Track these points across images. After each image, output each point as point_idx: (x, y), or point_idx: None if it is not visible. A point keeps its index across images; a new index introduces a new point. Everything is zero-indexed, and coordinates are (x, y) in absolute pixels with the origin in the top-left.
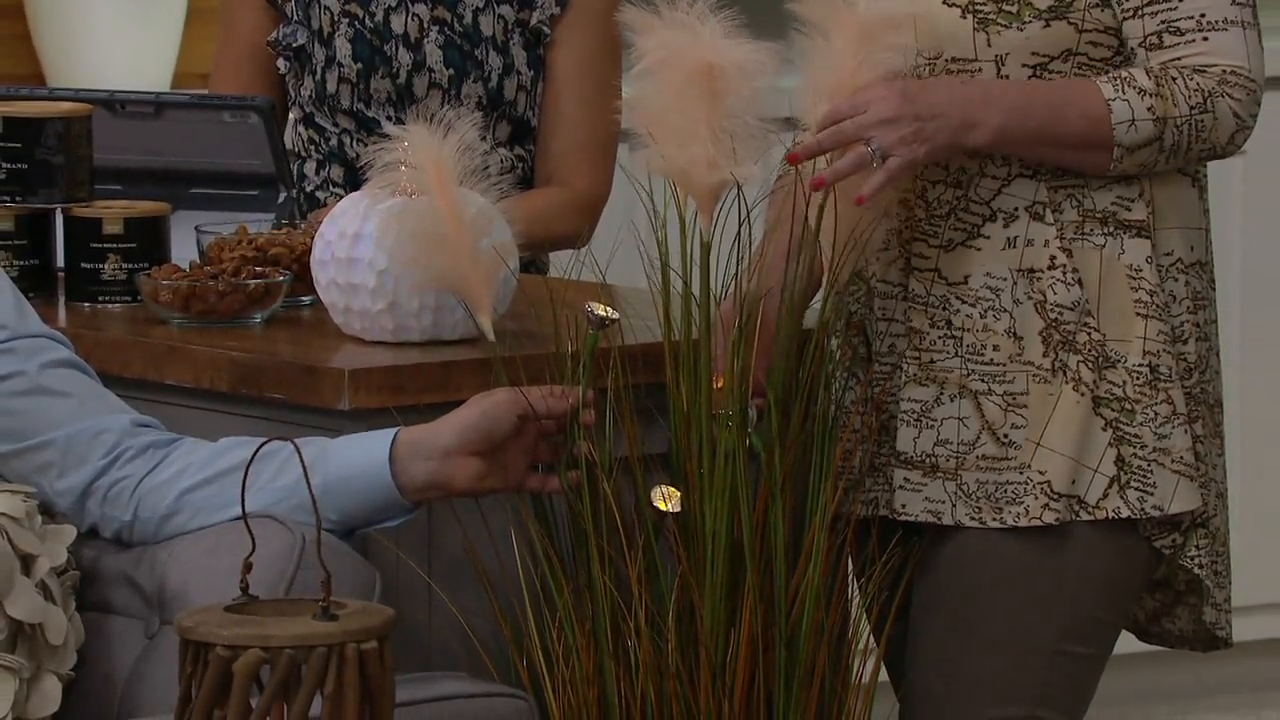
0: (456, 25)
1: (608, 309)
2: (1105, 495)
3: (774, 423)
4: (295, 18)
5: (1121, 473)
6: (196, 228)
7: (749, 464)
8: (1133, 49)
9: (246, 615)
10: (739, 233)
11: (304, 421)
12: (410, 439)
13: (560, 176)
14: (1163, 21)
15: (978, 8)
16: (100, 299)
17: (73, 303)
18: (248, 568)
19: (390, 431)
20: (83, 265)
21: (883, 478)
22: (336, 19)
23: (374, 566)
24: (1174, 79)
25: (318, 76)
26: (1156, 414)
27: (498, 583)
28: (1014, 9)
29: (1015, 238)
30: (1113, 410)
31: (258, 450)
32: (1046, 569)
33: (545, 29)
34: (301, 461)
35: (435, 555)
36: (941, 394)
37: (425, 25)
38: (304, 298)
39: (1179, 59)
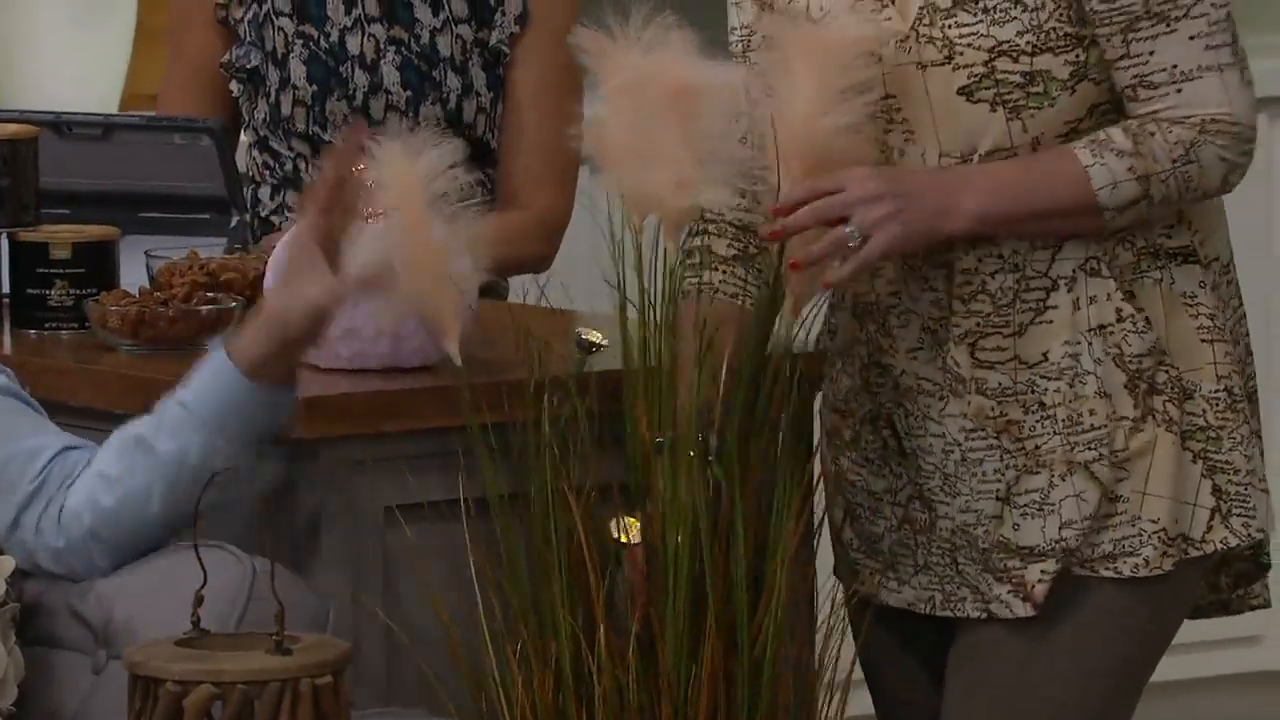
0: (414, 45)
1: (596, 334)
2: (1209, 528)
3: (733, 452)
4: (248, 38)
5: (1221, 502)
6: (146, 252)
7: (712, 494)
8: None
9: (197, 649)
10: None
11: (258, 452)
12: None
13: (521, 198)
14: (1135, 75)
15: (1006, 98)
16: (47, 325)
17: (18, 329)
18: (199, 600)
19: (225, 363)
20: (29, 291)
21: (937, 576)
22: (291, 40)
23: (328, 598)
24: (1152, 134)
25: (272, 99)
26: (1241, 437)
27: (455, 615)
28: (1040, 88)
29: (1079, 298)
30: (1199, 441)
31: (208, 483)
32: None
33: (505, 48)
34: (248, 486)
35: (390, 586)
36: (1053, 476)
37: (382, 46)
38: None
39: (1156, 112)
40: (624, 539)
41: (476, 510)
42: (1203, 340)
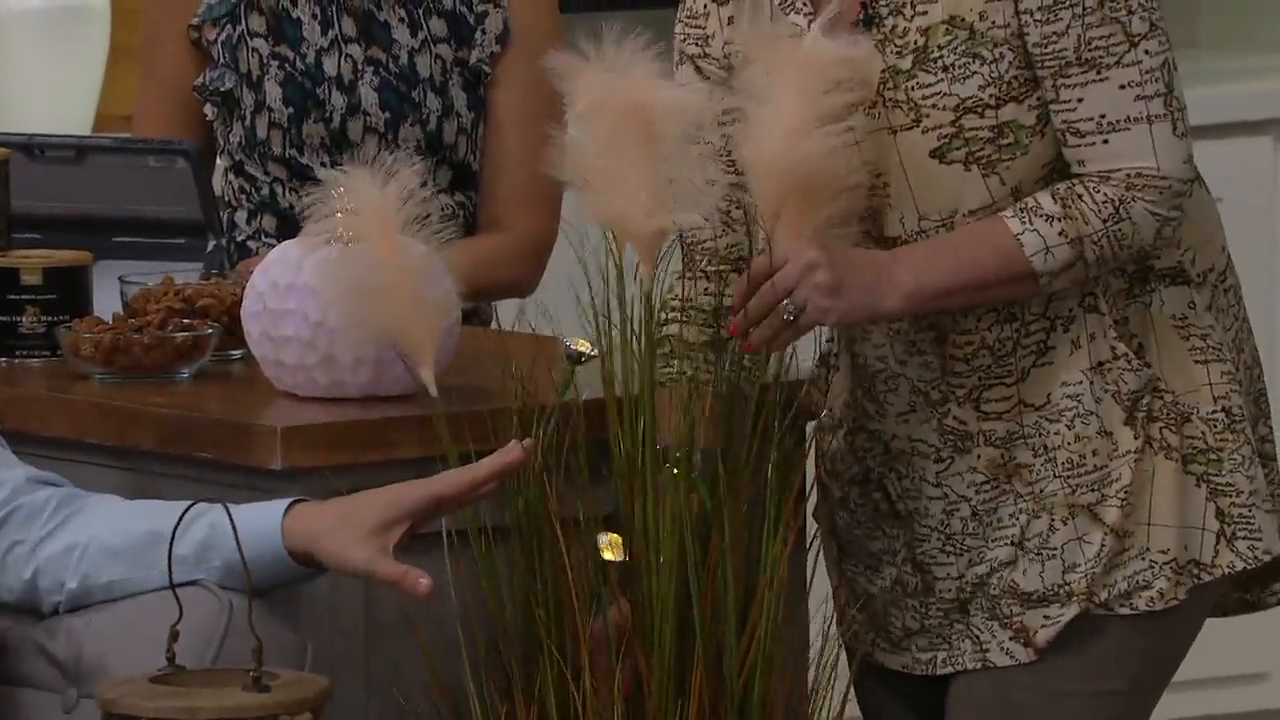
0: (392, 66)
1: (586, 345)
2: (1216, 552)
3: (723, 485)
4: (222, 60)
5: (1225, 525)
6: (120, 278)
7: (698, 518)
8: None
9: (173, 686)
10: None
11: (235, 482)
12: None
13: (504, 221)
14: (1064, 121)
15: (978, 155)
16: (18, 353)
17: None
18: (174, 636)
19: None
20: None
21: (939, 636)
22: (266, 61)
23: (306, 633)
24: (1080, 196)
25: (247, 122)
26: (1242, 458)
27: (437, 649)
28: (1011, 139)
29: (1079, 337)
30: (1200, 464)
31: (184, 514)
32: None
33: (485, 68)
34: (232, 523)
35: (371, 621)
36: (1053, 520)
37: (359, 66)
38: (234, 351)
39: (1083, 162)
40: (609, 555)
41: (459, 541)
42: (1196, 361)
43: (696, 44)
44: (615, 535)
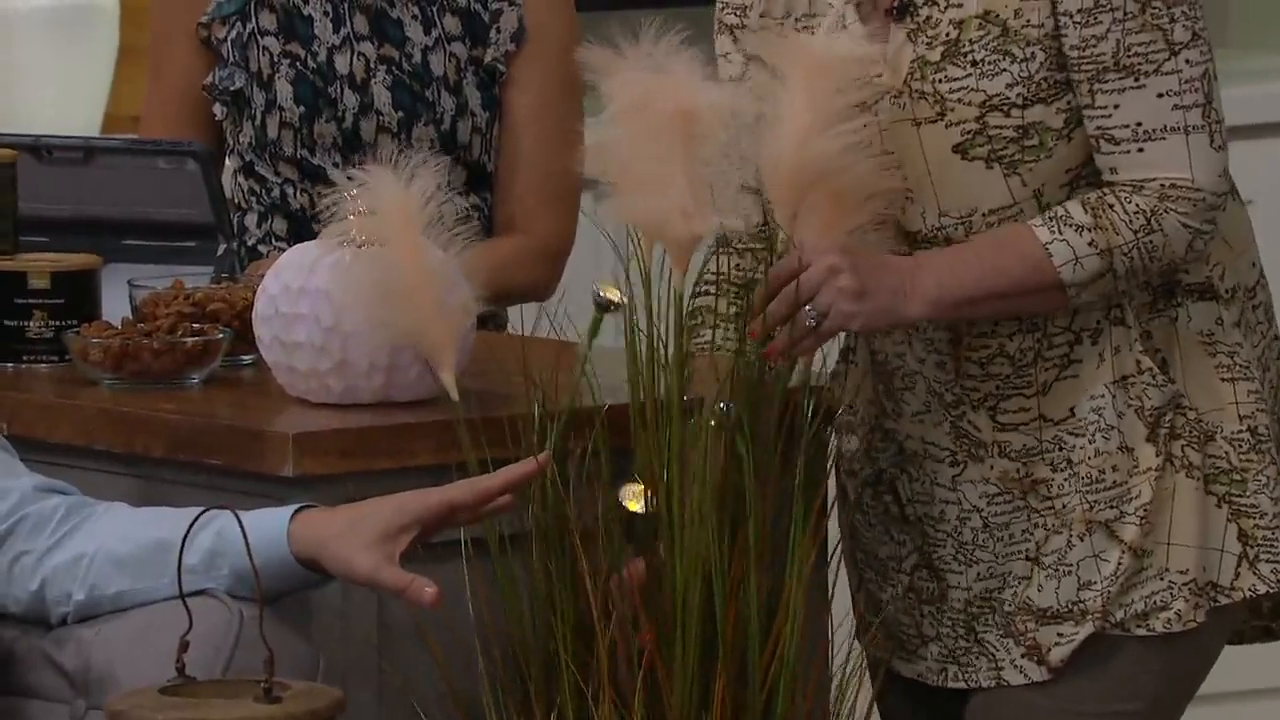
0: (405, 64)
1: (616, 292)
2: (1237, 575)
3: (749, 452)
4: (231, 59)
5: (1247, 547)
6: (129, 282)
7: (723, 527)
8: None
9: (183, 697)
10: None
11: (246, 490)
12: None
13: (521, 223)
14: (1099, 127)
15: (1000, 154)
16: (25, 358)
17: None
18: (184, 646)
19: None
20: (6, 322)
21: (948, 648)
22: (276, 60)
23: (318, 643)
24: (1111, 206)
25: (257, 122)
26: (1267, 479)
27: (452, 660)
28: (1035, 141)
29: (1104, 350)
30: (1222, 484)
31: (195, 520)
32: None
33: (501, 66)
34: (243, 530)
35: (385, 631)
36: (1071, 536)
37: (372, 65)
38: (245, 356)
39: (1115, 170)
40: (632, 507)
41: (475, 550)
42: (1223, 379)
43: (735, 13)
44: (639, 486)
